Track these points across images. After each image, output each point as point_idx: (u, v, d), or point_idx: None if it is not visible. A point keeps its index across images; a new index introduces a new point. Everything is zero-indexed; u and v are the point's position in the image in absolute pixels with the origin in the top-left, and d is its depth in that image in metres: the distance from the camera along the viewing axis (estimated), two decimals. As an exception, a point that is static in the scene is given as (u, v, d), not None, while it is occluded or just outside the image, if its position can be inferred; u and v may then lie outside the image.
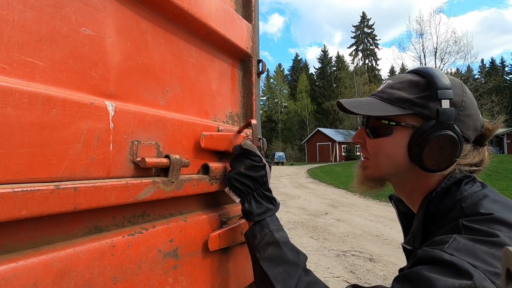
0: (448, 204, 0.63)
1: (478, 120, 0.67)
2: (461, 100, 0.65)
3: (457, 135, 0.62)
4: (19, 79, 0.45)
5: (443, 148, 0.62)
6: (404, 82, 0.68)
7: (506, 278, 0.23)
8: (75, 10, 0.53)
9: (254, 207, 0.72)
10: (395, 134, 0.68)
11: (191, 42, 0.83)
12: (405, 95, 0.66)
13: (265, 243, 0.68)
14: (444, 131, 0.62)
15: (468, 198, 0.62)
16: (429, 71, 0.66)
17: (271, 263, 0.65)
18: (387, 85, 0.71)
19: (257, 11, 1.12)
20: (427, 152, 0.63)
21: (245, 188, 0.74)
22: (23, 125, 0.43)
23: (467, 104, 0.65)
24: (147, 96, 0.69)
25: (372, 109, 0.68)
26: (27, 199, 0.41)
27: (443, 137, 0.62)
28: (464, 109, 0.64)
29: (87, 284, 0.50)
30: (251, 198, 0.74)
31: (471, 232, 0.55)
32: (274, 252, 0.66)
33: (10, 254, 0.42)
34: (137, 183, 0.58)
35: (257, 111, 1.09)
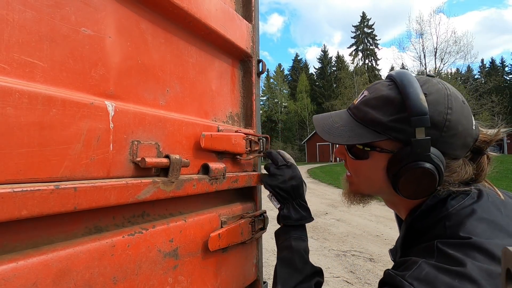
0: (432, 221, 0.60)
1: (469, 135, 0.60)
2: (444, 119, 0.57)
3: (435, 166, 0.57)
4: (19, 79, 0.45)
5: (418, 180, 0.59)
6: (379, 99, 0.62)
7: (506, 278, 0.23)
8: (75, 10, 0.53)
9: (292, 213, 0.82)
10: (372, 158, 0.65)
11: (191, 42, 0.83)
12: (379, 117, 0.61)
13: (284, 245, 0.78)
14: (420, 163, 0.57)
15: (453, 216, 0.58)
16: (406, 87, 0.59)
17: (282, 264, 0.75)
18: (363, 101, 0.66)
19: (257, 11, 1.12)
20: (403, 183, 0.60)
21: (287, 197, 0.84)
22: (23, 125, 0.43)
23: (452, 123, 0.58)
24: (147, 96, 0.69)
25: (343, 135, 0.65)
26: (27, 199, 0.41)
27: (418, 171, 0.58)
28: (448, 129, 0.58)
29: (87, 284, 0.50)
30: (290, 205, 0.83)
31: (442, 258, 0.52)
32: (286, 255, 0.76)
33: (10, 254, 0.42)
34: (137, 183, 0.58)
35: (257, 111, 1.09)
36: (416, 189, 0.60)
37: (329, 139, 0.67)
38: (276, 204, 0.86)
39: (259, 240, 1.05)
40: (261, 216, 0.98)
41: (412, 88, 0.58)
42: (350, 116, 0.67)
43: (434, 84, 0.61)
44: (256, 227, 0.94)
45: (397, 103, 0.60)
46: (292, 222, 0.80)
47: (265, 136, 1.04)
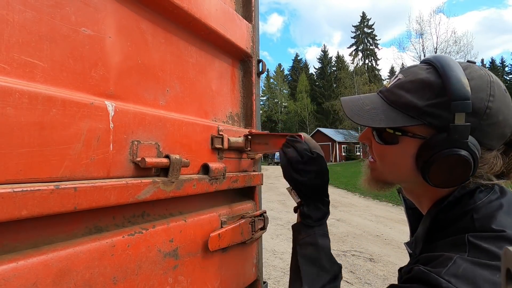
0: (459, 213, 0.58)
1: (509, 125, 0.57)
2: (485, 106, 0.54)
3: (471, 154, 0.54)
4: (19, 79, 0.45)
5: (452, 168, 0.56)
6: (415, 82, 0.59)
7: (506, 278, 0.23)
8: (75, 10, 0.53)
9: (313, 213, 0.74)
10: (402, 143, 0.61)
11: (191, 42, 0.83)
12: (415, 101, 0.57)
13: (307, 242, 0.71)
14: (455, 150, 0.54)
15: (481, 209, 0.56)
16: (447, 71, 0.55)
17: (307, 262, 0.69)
18: (397, 84, 0.62)
19: (257, 11, 1.12)
20: (434, 170, 0.57)
21: (309, 195, 0.74)
22: (23, 125, 0.43)
23: (492, 111, 0.54)
24: (147, 96, 0.69)
25: (374, 118, 0.61)
26: (27, 199, 0.41)
27: (452, 158, 0.55)
28: (488, 117, 0.54)
29: (87, 284, 0.50)
30: (311, 203, 0.74)
31: (476, 252, 0.50)
32: (311, 252, 0.70)
33: (10, 254, 0.42)
34: (137, 183, 0.58)
35: (257, 111, 1.09)
36: (448, 177, 0.57)
37: (360, 121, 0.63)
38: (296, 198, 0.77)
39: (259, 240, 1.05)
40: (261, 216, 0.98)
41: (454, 72, 0.55)
42: (382, 99, 0.64)
43: (476, 70, 0.57)
44: (256, 227, 0.94)
45: (436, 87, 0.56)
46: (312, 222, 0.73)
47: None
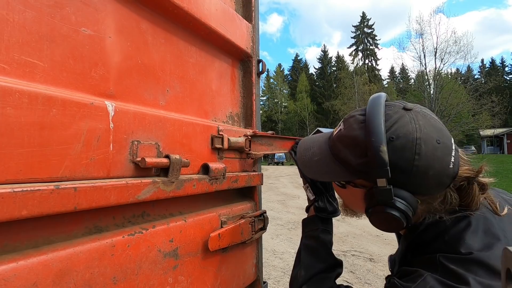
0: (431, 236, 0.62)
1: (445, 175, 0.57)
2: (411, 165, 0.55)
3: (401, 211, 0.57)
4: (19, 79, 0.45)
5: (387, 221, 0.59)
6: (349, 138, 0.62)
7: (506, 278, 0.23)
8: (75, 10, 0.53)
9: (328, 206, 0.85)
10: (349, 189, 0.67)
11: (191, 42, 0.83)
12: (349, 158, 0.62)
13: (310, 235, 0.82)
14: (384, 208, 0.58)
15: (450, 230, 0.59)
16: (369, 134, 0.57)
17: (307, 251, 0.80)
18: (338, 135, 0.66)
19: (257, 11, 1.12)
20: (374, 221, 0.62)
21: (324, 189, 0.86)
22: (23, 125, 0.43)
23: (420, 168, 0.55)
24: (147, 96, 0.69)
25: (321, 171, 0.68)
26: (27, 199, 0.41)
27: (382, 215, 0.59)
28: (417, 174, 0.55)
29: (87, 284, 0.50)
30: (324, 198, 0.85)
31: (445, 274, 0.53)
32: (312, 244, 0.80)
33: (10, 254, 0.42)
34: (137, 183, 0.58)
35: (257, 111, 1.09)
36: (388, 227, 0.61)
37: (308, 175, 0.73)
38: (311, 195, 0.88)
39: (259, 240, 1.05)
40: (261, 216, 0.98)
41: (375, 137, 0.56)
42: (329, 148, 0.69)
43: (404, 124, 0.57)
44: (256, 227, 0.94)
45: (363, 147, 0.59)
46: (326, 215, 0.84)
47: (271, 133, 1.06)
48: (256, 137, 1.01)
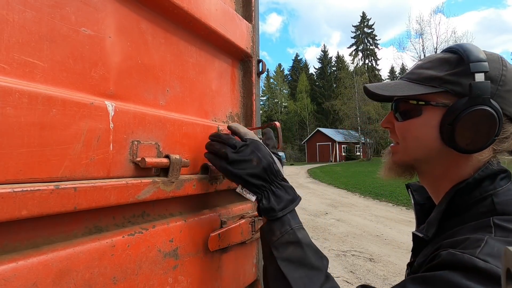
0: (478, 197, 0.58)
1: None
2: (500, 74, 0.58)
3: (495, 110, 0.56)
4: (19, 79, 0.45)
5: (477, 124, 0.57)
6: (434, 61, 0.64)
7: (506, 278, 0.23)
8: (75, 10, 0.53)
9: (275, 202, 0.64)
10: (425, 114, 0.63)
11: (191, 42, 0.83)
12: (435, 73, 0.61)
13: (285, 241, 0.60)
14: (478, 106, 0.56)
15: (501, 194, 0.57)
16: (462, 46, 0.61)
17: (291, 265, 0.58)
18: (416, 66, 0.67)
19: (257, 11, 1.12)
20: (460, 130, 0.58)
21: (261, 183, 0.65)
22: (23, 125, 0.43)
23: (507, 79, 0.58)
24: (147, 96, 0.69)
25: (397, 90, 0.64)
26: (27, 199, 0.41)
27: (477, 113, 0.56)
28: (504, 84, 0.58)
29: (87, 284, 0.50)
30: (268, 193, 0.65)
31: (503, 233, 0.49)
32: (295, 253, 0.59)
33: (10, 254, 0.42)
34: (137, 183, 0.58)
35: (257, 111, 1.09)
36: (474, 135, 0.58)
37: (385, 93, 0.66)
38: (251, 196, 0.66)
39: (259, 240, 1.05)
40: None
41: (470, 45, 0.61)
42: (404, 80, 0.67)
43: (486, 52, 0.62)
44: (256, 227, 0.94)
45: (454, 61, 0.61)
46: (278, 214, 0.63)
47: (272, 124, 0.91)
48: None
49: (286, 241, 0.60)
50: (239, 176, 0.65)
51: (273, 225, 0.63)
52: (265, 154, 0.67)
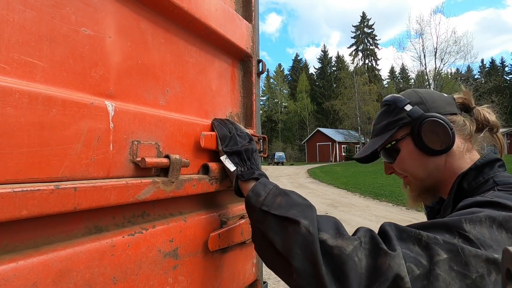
0: (481, 181, 0.70)
1: (445, 99, 0.81)
2: (419, 97, 0.80)
3: (433, 116, 0.74)
4: (19, 79, 0.45)
5: (433, 130, 0.73)
6: (379, 117, 0.86)
7: (506, 278, 0.23)
8: (75, 10, 0.53)
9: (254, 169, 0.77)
10: (402, 147, 0.80)
11: (191, 42, 0.83)
12: (386, 122, 0.82)
13: (272, 196, 0.66)
14: (424, 120, 0.74)
15: (500, 176, 0.69)
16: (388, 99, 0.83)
17: (284, 209, 0.62)
18: (373, 126, 0.87)
19: (257, 11, 1.12)
20: (428, 140, 0.73)
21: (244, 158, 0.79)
22: (23, 125, 0.43)
23: (427, 98, 0.80)
24: (147, 96, 0.69)
25: (374, 145, 0.83)
26: (27, 199, 0.41)
27: (426, 125, 0.73)
28: (427, 100, 0.79)
29: (87, 284, 0.50)
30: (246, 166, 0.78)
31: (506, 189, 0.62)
32: (284, 200, 0.65)
33: (10, 254, 0.42)
34: (137, 183, 0.58)
35: (257, 111, 1.09)
36: (440, 138, 0.73)
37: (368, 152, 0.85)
38: (232, 166, 0.77)
39: (259, 240, 1.05)
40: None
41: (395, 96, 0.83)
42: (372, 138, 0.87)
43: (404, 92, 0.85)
44: (256, 227, 0.94)
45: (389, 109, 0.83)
46: (257, 175, 0.73)
47: (263, 137, 1.07)
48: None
49: (272, 196, 0.66)
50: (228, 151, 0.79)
51: (257, 188, 0.69)
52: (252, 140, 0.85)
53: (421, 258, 0.50)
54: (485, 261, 0.48)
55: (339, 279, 0.51)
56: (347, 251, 0.53)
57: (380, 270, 0.50)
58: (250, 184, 0.72)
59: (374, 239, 0.55)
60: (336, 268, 0.52)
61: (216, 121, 0.85)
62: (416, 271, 0.49)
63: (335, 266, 0.52)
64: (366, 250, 0.53)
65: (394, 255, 0.50)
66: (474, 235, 0.51)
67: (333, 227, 0.58)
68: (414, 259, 0.50)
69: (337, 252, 0.53)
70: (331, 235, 0.56)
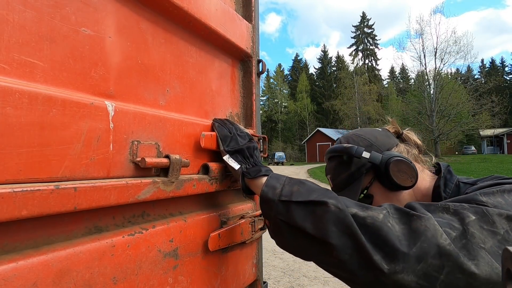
0: (451, 186, 0.77)
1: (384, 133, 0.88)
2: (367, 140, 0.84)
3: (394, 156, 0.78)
4: (19, 79, 0.45)
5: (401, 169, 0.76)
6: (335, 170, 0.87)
7: (506, 278, 0.23)
8: (75, 10, 0.53)
9: (259, 165, 0.77)
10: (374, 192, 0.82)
11: (191, 42, 0.83)
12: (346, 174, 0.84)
13: (288, 186, 0.67)
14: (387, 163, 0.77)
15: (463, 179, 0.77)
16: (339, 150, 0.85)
17: (304, 195, 0.63)
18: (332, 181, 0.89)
19: (257, 11, 1.12)
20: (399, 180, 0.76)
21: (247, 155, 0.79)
22: (23, 125, 0.43)
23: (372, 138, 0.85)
24: (147, 96, 0.69)
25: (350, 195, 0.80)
26: (27, 199, 0.41)
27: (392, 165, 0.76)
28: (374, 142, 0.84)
29: (87, 284, 0.50)
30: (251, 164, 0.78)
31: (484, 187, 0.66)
32: (300, 188, 0.65)
33: (10, 254, 0.42)
34: (137, 183, 0.58)
35: (257, 111, 1.09)
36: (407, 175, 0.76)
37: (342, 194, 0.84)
38: (236, 165, 0.76)
39: (259, 240, 1.05)
40: (261, 216, 0.98)
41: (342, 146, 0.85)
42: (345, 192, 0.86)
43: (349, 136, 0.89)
44: (256, 227, 0.94)
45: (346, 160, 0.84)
46: (265, 172, 0.73)
47: (263, 137, 1.07)
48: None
49: (289, 186, 0.67)
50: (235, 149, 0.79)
51: (271, 182, 0.69)
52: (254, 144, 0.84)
53: (453, 222, 0.55)
54: (506, 218, 0.54)
55: (378, 245, 0.54)
56: (379, 218, 0.56)
57: (417, 231, 0.54)
58: (260, 180, 0.72)
59: (401, 209, 0.59)
60: (373, 235, 0.55)
61: (216, 122, 0.85)
62: (452, 233, 0.53)
63: (372, 234, 0.55)
64: (396, 219, 0.57)
65: (427, 217, 0.55)
66: (491, 204, 0.57)
67: (355, 203, 0.61)
68: (447, 224, 0.54)
69: (370, 221, 0.56)
70: (359, 209, 0.59)
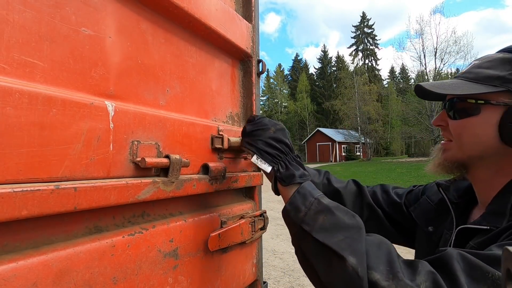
0: None
1: None
2: None
3: None
4: (19, 79, 0.45)
5: None
6: (494, 61, 0.64)
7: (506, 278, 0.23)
8: (75, 10, 0.53)
9: (294, 170, 0.64)
10: (484, 113, 0.62)
11: (191, 42, 0.83)
12: (496, 73, 0.61)
13: (313, 213, 0.57)
14: None
15: None
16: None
17: (328, 233, 0.54)
18: (473, 66, 0.66)
19: (257, 11, 1.12)
20: None
21: (277, 153, 0.66)
22: (23, 125, 0.43)
23: None
24: (147, 96, 0.69)
25: (457, 89, 0.64)
26: (27, 199, 0.41)
27: None
28: None
29: (87, 284, 0.50)
30: (285, 162, 0.65)
31: None
32: (327, 220, 0.56)
33: (10, 254, 0.42)
34: (137, 183, 0.58)
35: (257, 111, 1.09)
36: None
37: (444, 92, 0.66)
38: (266, 166, 0.65)
39: (259, 240, 1.05)
40: (261, 216, 0.98)
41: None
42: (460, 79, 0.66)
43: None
44: (256, 227, 0.94)
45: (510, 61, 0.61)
46: (297, 179, 0.63)
47: None
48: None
49: (314, 212, 0.57)
50: (256, 145, 0.69)
51: (295, 202, 0.60)
52: (281, 125, 0.72)
53: None
54: None
55: None
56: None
57: None
58: (290, 190, 0.63)
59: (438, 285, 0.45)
60: None
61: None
62: None
63: None
64: None
65: None
66: None
67: (385, 261, 0.50)
68: None
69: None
70: (383, 274, 0.48)
